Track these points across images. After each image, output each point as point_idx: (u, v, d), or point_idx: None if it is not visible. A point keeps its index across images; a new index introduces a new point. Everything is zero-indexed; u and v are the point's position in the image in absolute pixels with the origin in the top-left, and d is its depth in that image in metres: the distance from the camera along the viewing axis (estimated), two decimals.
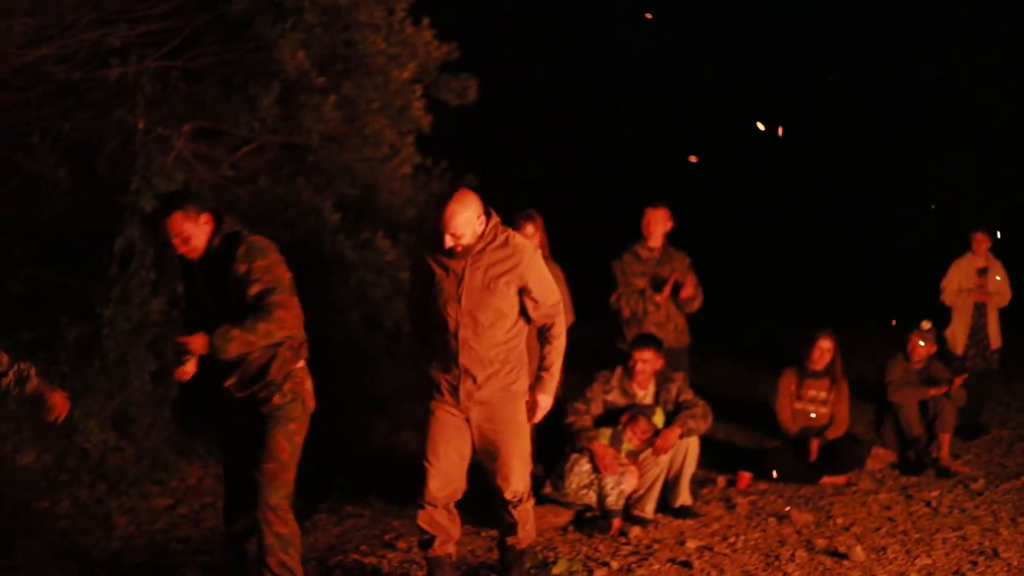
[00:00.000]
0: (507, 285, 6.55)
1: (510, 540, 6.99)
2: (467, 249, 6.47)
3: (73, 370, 10.30)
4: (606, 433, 9.06)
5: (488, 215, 6.56)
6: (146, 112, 10.50)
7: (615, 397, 9.36)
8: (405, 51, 11.31)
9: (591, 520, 8.93)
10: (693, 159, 12.61)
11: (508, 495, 6.78)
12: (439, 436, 6.70)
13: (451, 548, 6.91)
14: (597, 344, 10.34)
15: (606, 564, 7.83)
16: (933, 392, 10.79)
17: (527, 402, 6.82)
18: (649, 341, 9.59)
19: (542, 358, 6.85)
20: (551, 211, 10.04)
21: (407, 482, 6.69)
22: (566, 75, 22.09)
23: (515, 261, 6.56)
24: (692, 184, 20.48)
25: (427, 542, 6.84)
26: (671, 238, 10.67)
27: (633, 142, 22.31)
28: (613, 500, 8.83)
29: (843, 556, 7.66)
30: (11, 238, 10.70)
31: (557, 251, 9.90)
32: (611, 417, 9.24)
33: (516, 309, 6.65)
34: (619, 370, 9.45)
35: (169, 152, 10.48)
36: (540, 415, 6.87)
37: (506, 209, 9.73)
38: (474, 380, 6.60)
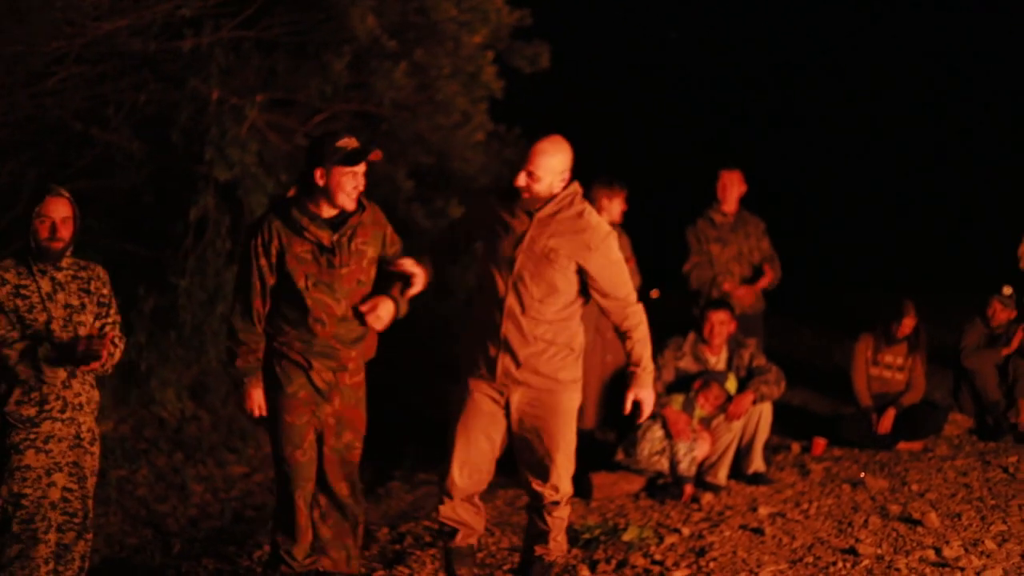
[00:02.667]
0: (568, 259, 5.98)
1: (539, 550, 6.35)
2: (534, 203, 5.97)
3: (150, 340, 10.43)
4: (678, 399, 9.03)
5: (570, 180, 6.05)
6: (219, 82, 10.58)
7: (687, 363, 9.32)
8: (476, 17, 11.28)
9: (663, 487, 8.90)
10: None
11: (547, 495, 6.20)
12: (471, 420, 6.15)
13: (474, 540, 6.41)
14: (668, 309, 10.31)
15: (677, 531, 7.81)
16: (1005, 352, 10.64)
17: (628, 399, 6.24)
18: (723, 303, 9.55)
19: (628, 354, 6.27)
20: (625, 176, 9.98)
21: None
22: (641, 38, 21.97)
23: (584, 240, 6.00)
24: (769, 147, 20.38)
25: (448, 534, 6.34)
26: (745, 202, 10.60)
27: (709, 104, 22.16)
28: (685, 466, 8.80)
29: (917, 522, 7.58)
30: (87, 210, 10.82)
31: (634, 216, 9.86)
32: (683, 383, 9.20)
33: (575, 288, 6.08)
34: (691, 335, 9.40)
35: (243, 122, 10.56)
36: (647, 412, 6.30)
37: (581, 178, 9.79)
38: (514, 358, 6.03)
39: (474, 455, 6.16)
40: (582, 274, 6.04)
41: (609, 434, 9.72)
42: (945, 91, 21.42)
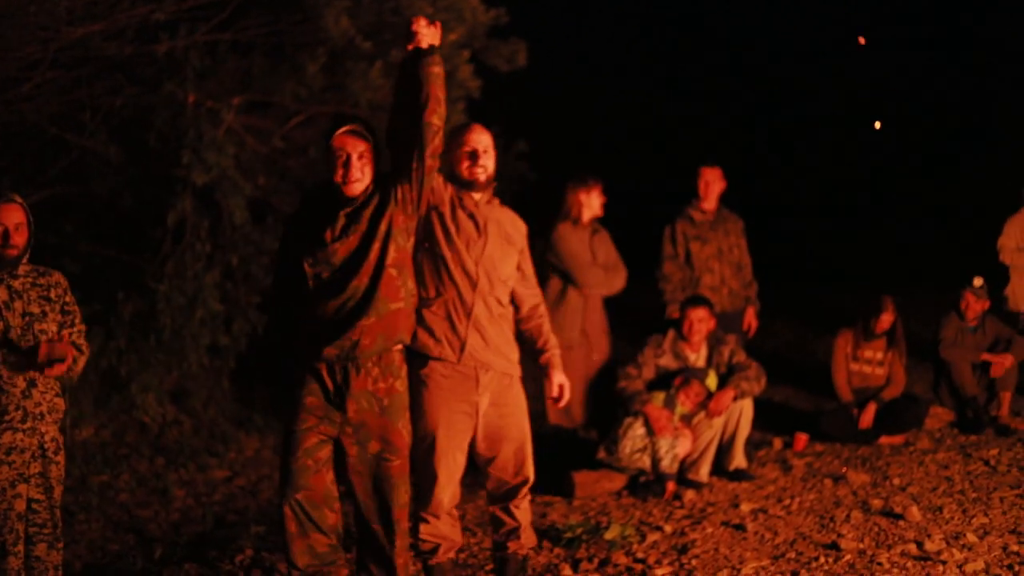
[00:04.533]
0: (517, 243, 6.30)
1: (512, 546, 6.38)
2: (483, 188, 6.16)
3: (129, 345, 10.40)
4: (659, 397, 9.02)
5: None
6: (195, 86, 10.55)
7: (667, 361, 9.32)
8: (452, 16, 11.23)
9: (645, 484, 8.91)
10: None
11: (521, 488, 6.30)
12: (447, 440, 6.09)
13: (453, 553, 6.36)
14: (647, 308, 10.31)
15: (659, 528, 7.81)
16: (987, 358, 10.67)
17: (556, 384, 6.40)
18: (702, 300, 9.56)
19: (545, 339, 6.47)
20: (603, 175, 9.98)
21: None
22: (620, 37, 22.01)
23: (517, 225, 6.35)
24: (747, 145, 20.44)
25: (430, 552, 6.28)
26: (724, 199, 10.61)
27: (689, 103, 22.22)
28: (667, 464, 8.81)
29: (899, 516, 7.59)
30: (65, 215, 10.79)
31: (610, 216, 9.87)
32: (663, 381, 9.20)
33: (515, 275, 6.36)
34: (671, 333, 9.40)
35: (219, 125, 10.53)
36: (568, 394, 6.45)
37: (561, 175, 9.79)
38: (483, 336, 6.10)
39: (455, 474, 6.17)
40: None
41: (590, 432, 9.71)
42: (924, 87, 21.51)
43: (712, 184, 10.50)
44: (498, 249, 6.17)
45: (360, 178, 5.81)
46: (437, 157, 5.84)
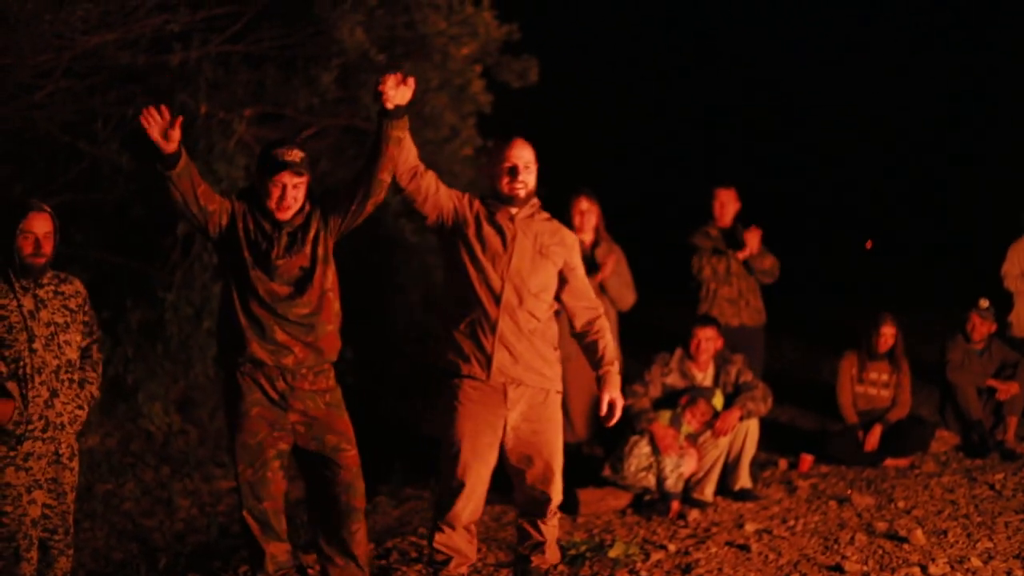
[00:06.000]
0: (557, 256, 6.24)
1: (536, 560, 6.45)
2: (523, 203, 6.19)
3: (137, 353, 10.42)
4: (665, 415, 9.02)
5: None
6: (208, 96, 10.59)
7: (674, 379, 9.31)
8: (465, 31, 11.31)
9: (650, 503, 8.89)
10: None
11: (554, 502, 6.34)
12: (474, 454, 6.14)
13: (465, 569, 6.39)
14: (657, 326, 10.31)
15: (663, 547, 7.80)
16: (993, 384, 10.67)
17: (606, 402, 6.24)
18: (710, 320, 9.57)
19: (600, 356, 6.33)
20: (613, 193, 10.00)
21: None
22: (627, 55, 22.05)
23: (561, 237, 6.30)
24: (758, 166, 20.42)
25: (442, 563, 6.31)
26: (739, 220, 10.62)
27: (697, 123, 22.23)
28: (672, 483, 8.80)
29: (903, 539, 7.58)
30: (75, 223, 10.81)
31: (618, 235, 9.87)
32: (670, 400, 9.19)
33: (555, 286, 6.30)
34: (678, 351, 9.39)
35: (231, 136, 10.57)
36: (619, 414, 6.30)
37: (566, 192, 9.80)
38: (511, 352, 6.11)
39: (478, 487, 6.19)
40: (561, 278, 6.31)
41: (596, 449, 9.71)
42: (931, 110, 21.50)
43: (727, 205, 10.52)
44: (527, 262, 6.15)
45: (293, 206, 6.03)
46: (377, 206, 6.06)
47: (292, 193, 5.98)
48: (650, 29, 22.54)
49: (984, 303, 10.67)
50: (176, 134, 5.71)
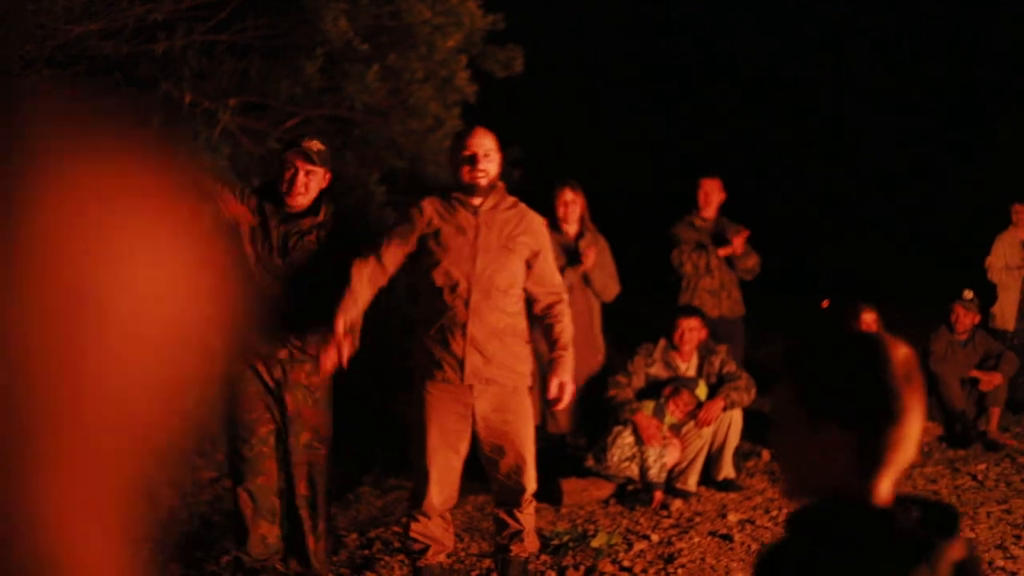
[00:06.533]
0: (523, 247, 6.16)
1: (515, 549, 6.40)
2: (484, 193, 6.15)
3: None
4: (649, 406, 9.03)
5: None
6: (192, 86, 10.54)
7: (657, 370, 9.32)
8: (450, 21, 11.27)
9: (633, 493, 8.91)
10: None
11: (528, 492, 6.29)
12: (439, 439, 6.15)
13: (443, 558, 6.43)
14: (641, 317, 10.30)
15: (646, 537, 7.82)
16: (976, 375, 10.69)
17: (556, 385, 6.14)
18: (694, 310, 9.58)
19: (555, 340, 6.25)
20: (599, 185, 10.00)
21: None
22: (612, 44, 22.03)
23: (527, 224, 6.22)
24: (744, 157, 20.43)
25: (419, 552, 6.34)
26: (723, 210, 10.64)
27: (684, 115, 22.24)
28: (655, 473, 8.81)
29: None
30: None
31: (604, 226, 9.86)
32: (653, 390, 9.21)
33: (523, 277, 6.23)
34: (662, 342, 9.41)
35: (215, 126, 10.52)
36: (567, 399, 6.20)
37: (549, 181, 9.80)
38: (482, 354, 6.05)
39: (447, 474, 6.20)
40: (528, 265, 6.23)
41: (579, 440, 9.71)
42: (919, 101, 21.53)
43: (712, 195, 10.54)
44: (493, 260, 6.10)
45: (303, 193, 6.28)
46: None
47: (303, 180, 6.23)
48: (635, 18, 22.52)
49: (968, 294, 10.71)
50: None
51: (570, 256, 9.48)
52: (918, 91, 21.40)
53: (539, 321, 6.40)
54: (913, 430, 2.35)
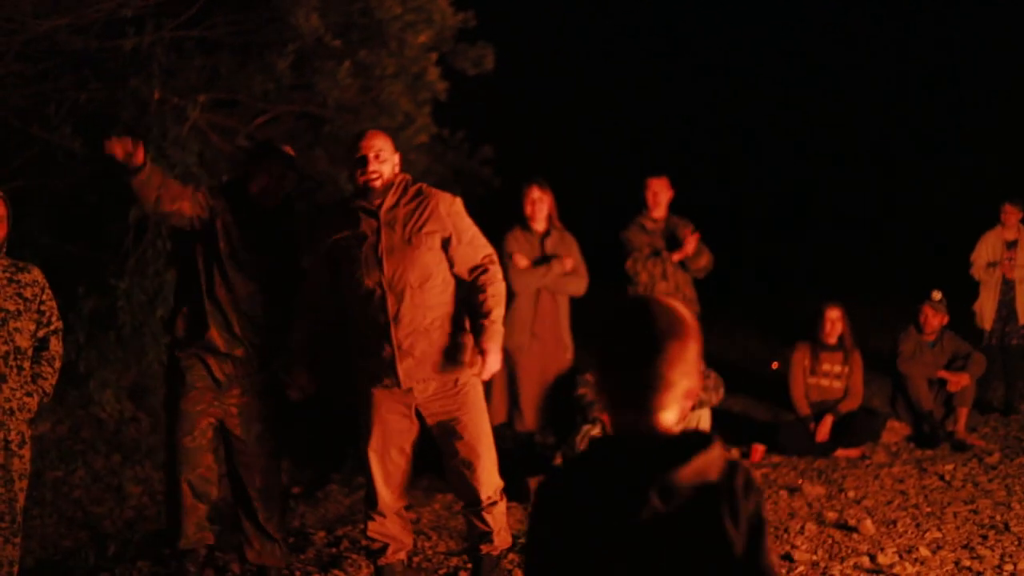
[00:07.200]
0: (429, 236, 6.01)
1: (485, 548, 6.34)
2: (382, 195, 6.01)
3: (89, 341, 10.34)
4: None
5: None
6: (161, 82, 10.50)
7: None
8: (421, 17, 11.26)
9: None
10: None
11: (483, 496, 6.21)
12: (381, 441, 6.15)
13: (403, 555, 6.42)
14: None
15: None
16: (943, 375, 10.73)
17: (471, 351, 6.09)
18: None
19: (479, 305, 6.10)
20: (565, 183, 9.99)
21: (421, 454, 6.41)
22: (580, 49, 22.08)
23: (431, 207, 6.04)
24: (702, 154, 20.46)
25: (379, 551, 6.34)
26: (673, 208, 10.60)
27: (643, 115, 22.26)
28: None
29: (853, 529, 7.63)
30: (27, 209, 10.71)
31: (572, 224, 9.85)
32: None
33: (444, 265, 6.10)
34: None
35: (184, 122, 10.48)
36: (488, 372, 6.03)
37: (519, 180, 9.80)
38: (413, 356, 5.99)
39: (393, 473, 6.21)
40: (446, 247, 6.10)
41: (548, 438, 9.70)
42: (893, 98, 21.61)
43: (660, 194, 10.46)
44: (401, 260, 5.99)
45: (273, 192, 6.60)
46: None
47: (269, 182, 6.52)
48: (606, 16, 22.55)
49: (937, 295, 10.74)
50: (140, 153, 6.07)
51: (537, 256, 9.48)
52: (902, 86, 21.52)
53: (468, 298, 6.26)
54: (674, 374, 2.82)
